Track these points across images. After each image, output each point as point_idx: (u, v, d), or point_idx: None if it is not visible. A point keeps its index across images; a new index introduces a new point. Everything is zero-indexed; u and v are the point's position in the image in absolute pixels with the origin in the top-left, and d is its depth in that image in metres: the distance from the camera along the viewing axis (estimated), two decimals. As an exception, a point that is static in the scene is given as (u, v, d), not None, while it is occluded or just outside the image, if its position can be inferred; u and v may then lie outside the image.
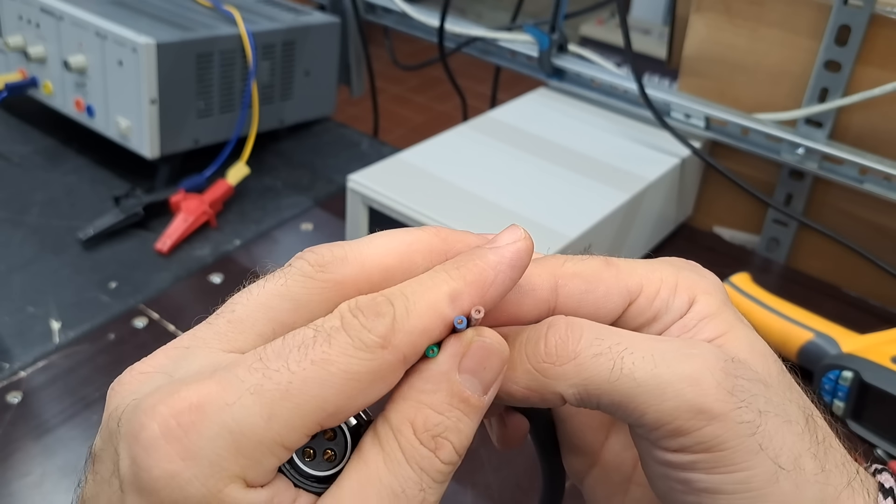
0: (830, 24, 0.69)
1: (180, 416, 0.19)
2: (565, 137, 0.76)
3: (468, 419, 0.22)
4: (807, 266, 0.81)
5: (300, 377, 0.20)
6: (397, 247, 0.24)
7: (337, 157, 0.93)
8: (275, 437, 0.19)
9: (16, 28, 0.86)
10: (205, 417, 0.19)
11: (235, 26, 0.82)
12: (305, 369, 0.20)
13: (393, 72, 1.20)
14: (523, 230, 0.26)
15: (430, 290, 0.22)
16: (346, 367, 0.20)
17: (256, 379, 0.20)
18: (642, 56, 2.19)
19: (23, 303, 0.68)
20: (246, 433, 0.19)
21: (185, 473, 0.19)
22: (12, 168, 0.86)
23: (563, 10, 0.81)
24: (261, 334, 0.22)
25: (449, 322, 0.22)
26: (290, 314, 0.22)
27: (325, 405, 0.20)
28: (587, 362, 0.24)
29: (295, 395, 0.19)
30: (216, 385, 0.19)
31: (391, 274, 0.23)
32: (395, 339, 0.21)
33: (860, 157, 0.69)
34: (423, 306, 0.22)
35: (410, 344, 0.21)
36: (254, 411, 0.19)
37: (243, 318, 0.22)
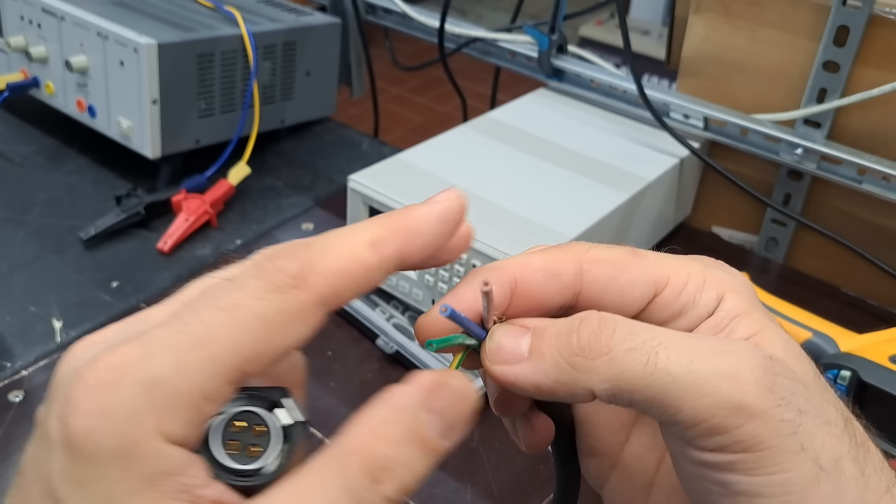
0: (829, 25, 0.70)
1: (99, 376, 0.20)
2: (565, 138, 0.76)
3: (423, 459, 0.21)
4: (805, 266, 0.81)
5: (211, 325, 0.20)
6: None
7: (338, 158, 0.93)
8: (191, 387, 0.20)
9: (17, 28, 0.86)
10: (121, 375, 0.19)
11: (236, 27, 0.82)
12: (216, 317, 0.20)
13: (393, 72, 1.20)
14: (459, 192, 0.26)
15: (351, 236, 0.23)
16: (258, 309, 0.20)
17: (169, 334, 0.20)
18: (641, 57, 2.19)
19: (24, 302, 0.68)
20: (161, 385, 0.19)
21: (100, 428, 0.19)
22: (14, 168, 0.87)
23: (562, 11, 0.81)
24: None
25: (370, 266, 0.22)
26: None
27: (239, 350, 0.20)
28: (621, 357, 0.23)
29: (206, 344, 0.20)
30: (134, 346, 0.20)
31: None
32: (309, 280, 0.21)
33: (858, 158, 0.70)
34: (341, 249, 0.22)
35: (326, 284, 0.21)
36: (166, 363, 0.20)
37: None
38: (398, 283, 0.65)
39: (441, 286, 0.62)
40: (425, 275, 0.63)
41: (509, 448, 0.58)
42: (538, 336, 0.25)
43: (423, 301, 0.64)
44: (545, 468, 0.57)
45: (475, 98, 1.12)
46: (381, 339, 0.64)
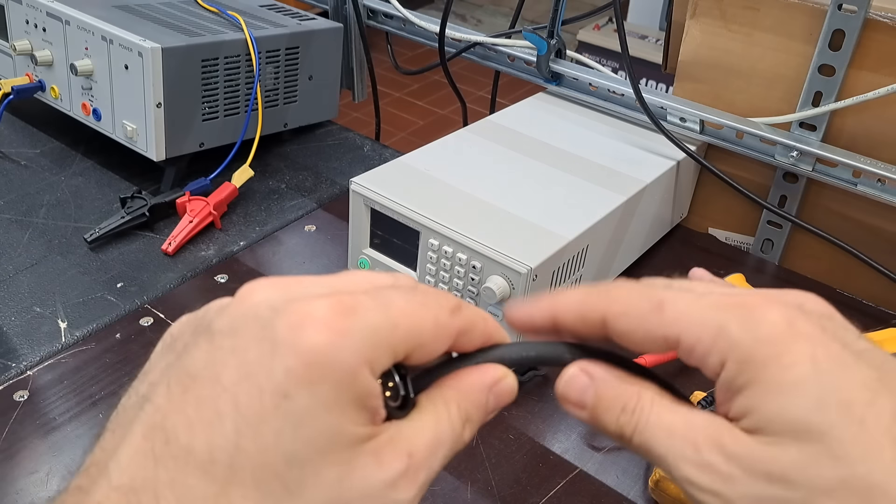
0: (824, 29, 0.70)
1: (344, 304, 0.25)
2: (563, 141, 0.77)
3: (479, 424, 0.29)
4: (801, 267, 0.82)
5: (408, 310, 0.27)
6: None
7: (340, 160, 0.94)
8: (392, 344, 0.26)
9: (23, 32, 0.87)
10: (359, 312, 0.25)
11: (240, 31, 0.83)
12: (413, 307, 0.27)
13: (394, 76, 1.21)
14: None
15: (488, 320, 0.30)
16: (437, 315, 0.27)
17: (384, 303, 0.26)
18: (639, 61, 2.20)
19: (30, 303, 0.69)
20: (379, 332, 0.25)
21: (340, 343, 0.24)
22: (20, 170, 0.88)
23: (560, 16, 0.82)
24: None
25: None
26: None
27: (419, 336, 0.27)
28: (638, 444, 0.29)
29: (405, 320, 0.26)
30: (366, 297, 0.26)
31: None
32: (463, 312, 0.28)
33: (854, 160, 0.70)
34: (480, 314, 0.30)
35: (467, 321, 0.29)
36: (385, 320, 0.26)
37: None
38: (399, 284, 0.66)
39: (441, 287, 0.63)
40: (426, 276, 0.63)
41: (509, 446, 0.59)
42: (597, 398, 0.29)
43: (423, 301, 0.65)
44: (545, 466, 0.57)
45: (475, 102, 1.13)
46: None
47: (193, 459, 0.23)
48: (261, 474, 0.23)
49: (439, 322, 0.27)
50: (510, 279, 0.58)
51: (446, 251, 0.61)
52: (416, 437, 0.27)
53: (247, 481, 0.23)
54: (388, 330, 0.26)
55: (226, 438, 0.23)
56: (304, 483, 0.24)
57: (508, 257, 0.58)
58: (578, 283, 0.66)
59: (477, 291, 0.60)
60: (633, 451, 0.28)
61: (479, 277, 0.60)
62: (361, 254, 0.68)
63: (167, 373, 0.26)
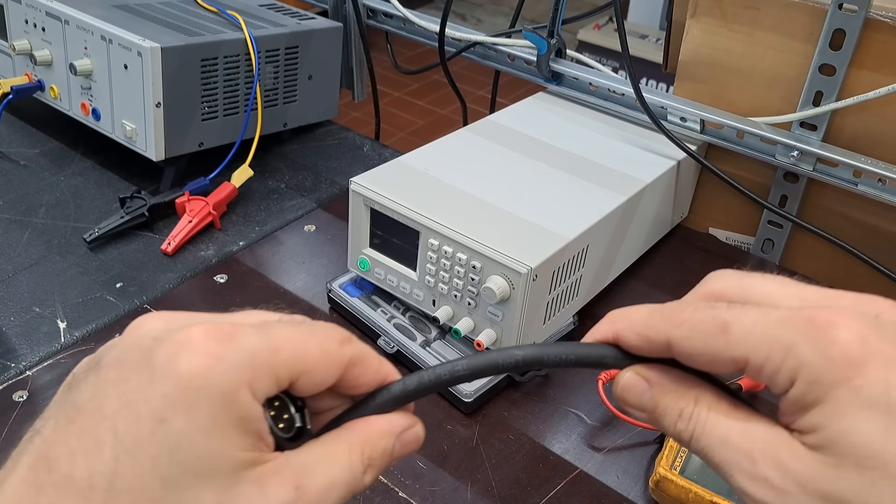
0: (825, 29, 0.70)
1: (221, 331, 0.26)
2: (563, 140, 0.77)
3: (383, 469, 0.30)
4: (801, 267, 0.82)
5: (293, 337, 0.27)
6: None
7: (339, 160, 0.94)
8: (274, 366, 0.26)
9: (22, 32, 0.87)
10: (237, 337, 0.26)
11: (239, 31, 0.83)
12: (297, 335, 0.28)
13: (394, 76, 1.21)
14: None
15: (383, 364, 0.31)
16: (324, 345, 0.28)
17: (268, 329, 0.27)
18: (639, 60, 2.20)
19: (29, 303, 0.69)
20: (259, 356, 0.26)
21: (216, 368, 0.25)
22: (19, 170, 0.88)
23: (561, 16, 0.82)
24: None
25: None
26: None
27: (305, 363, 0.27)
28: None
29: (289, 346, 0.27)
30: (248, 326, 0.27)
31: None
32: (353, 345, 0.29)
33: (854, 160, 0.70)
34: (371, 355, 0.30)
35: (357, 353, 0.29)
36: (266, 344, 0.26)
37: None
38: (399, 284, 0.66)
39: (441, 287, 0.63)
40: (426, 276, 0.63)
41: (509, 447, 0.59)
42: (655, 403, 0.29)
43: (423, 301, 0.65)
44: (545, 466, 0.57)
45: (475, 101, 1.13)
46: (383, 339, 0.65)
47: (73, 486, 0.24)
48: (138, 499, 0.24)
49: (325, 349, 0.28)
50: (510, 279, 0.58)
51: (446, 251, 0.61)
52: (309, 472, 0.27)
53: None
54: (267, 353, 0.26)
55: (105, 465, 0.24)
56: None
57: (508, 257, 0.58)
58: (579, 283, 0.66)
59: (477, 291, 0.60)
60: (695, 454, 0.28)
61: (479, 277, 0.60)
62: (361, 254, 0.68)
63: (58, 408, 0.27)
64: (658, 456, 0.55)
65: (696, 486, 0.52)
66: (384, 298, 0.69)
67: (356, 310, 0.68)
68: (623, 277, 0.75)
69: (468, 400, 0.60)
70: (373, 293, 0.69)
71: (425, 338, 0.65)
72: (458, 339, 0.64)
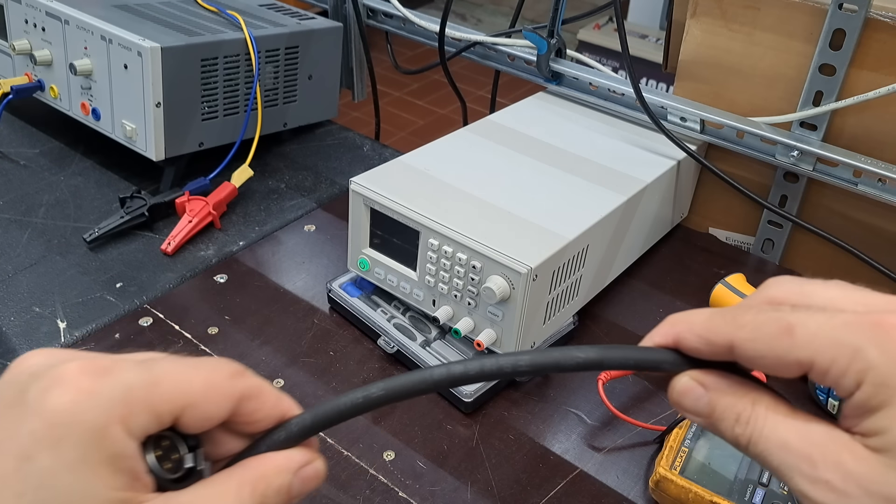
0: (825, 29, 0.70)
1: (96, 366, 0.25)
2: (563, 140, 0.77)
3: (279, 502, 0.29)
4: (801, 267, 0.82)
5: (175, 373, 0.27)
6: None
7: (339, 160, 0.94)
8: (153, 401, 0.26)
9: (22, 32, 0.87)
10: (111, 372, 0.25)
11: (239, 31, 0.83)
12: (181, 369, 0.27)
13: (394, 76, 1.21)
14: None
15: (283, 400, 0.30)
16: (210, 378, 0.28)
17: (150, 364, 0.27)
18: (639, 60, 2.20)
19: (29, 303, 0.69)
20: (135, 392, 0.25)
21: (85, 404, 0.24)
22: (19, 170, 0.88)
23: (560, 16, 0.82)
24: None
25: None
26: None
27: (189, 398, 0.27)
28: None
29: (170, 381, 0.26)
30: (124, 360, 0.26)
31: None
32: (246, 380, 0.28)
33: (854, 160, 0.70)
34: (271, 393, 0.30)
35: (249, 387, 0.29)
36: (144, 379, 0.26)
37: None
38: (399, 284, 0.66)
39: (441, 287, 0.63)
40: (426, 276, 0.63)
41: (509, 447, 0.59)
42: (711, 408, 0.29)
43: (423, 301, 0.65)
44: (545, 466, 0.57)
45: (475, 101, 1.13)
46: (383, 339, 0.65)
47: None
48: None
49: (211, 382, 0.27)
50: (510, 279, 0.58)
51: (446, 251, 0.61)
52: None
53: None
54: (145, 387, 0.26)
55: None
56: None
57: (508, 257, 0.58)
58: (578, 283, 0.66)
59: (477, 291, 0.60)
60: (752, 458, 0.28)
61: (479, 277, 0.60)
62: (361, 254, 0.68)
63: None
64: (658, 456, 0.55)
65: (696, 485, 0.52)
66: (384, 298, 0.69)
67: (356, 310, 0.68)
68: (623, 277, 0.75)
69: (468, 400, 0.60)
70: (373, 293, 0.69)
71: (425, 338, 0.65)
72: (459, 339, 0.64)
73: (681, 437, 0.55)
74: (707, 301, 0.71)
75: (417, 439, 0.59)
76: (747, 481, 0.53)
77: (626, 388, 0.64)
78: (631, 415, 0.61)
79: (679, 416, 0.56)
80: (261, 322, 0.68)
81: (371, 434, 0.59)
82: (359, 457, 0.57)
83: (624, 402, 0.63)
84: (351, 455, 0.57)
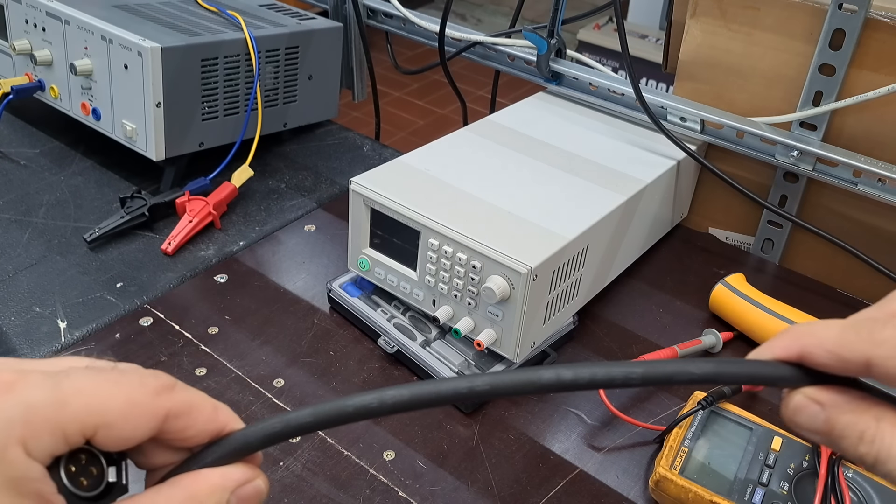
0: (825, 29, 0.70)
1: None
2: (563, 140, 0.77)
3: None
4: (801, 266, 0.82)
5: (88, 387, 0.25)
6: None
7: (340, 160, 0.94)
8: (57, 422, 0.24)
9: (22, 32, 0.87)
10: (12, 389, 0.24)
11: (240, 31, 0.83)
12: (95, 384, 0.25)
13: (394, 76, 1.21)
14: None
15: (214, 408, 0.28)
16: (130, 394, 0.26)
17: (59, 380, 0.25)
18: (639, 60, 2.20)
19: (29, 303, 0.69)
20: (38, 410, 0.24)
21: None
22: (19, 170, 0.88)
23: (560, 16, 0.82)
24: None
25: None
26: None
27: (103, 414, 0.25)
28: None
29: (81, 398, 0.25)
30: (29, 374, 0.25)
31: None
32: (175, 396, 0.27)
33: (854, 160, 0.70)
34: (204, 402, 0.28)
35: (179, 403, 0.27)
36: (49, 397, 0.24)
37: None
38: (399, 284, 0.66)
39: (441, 287, 0.63)
40: (426, 276, 0.63)
41: (509, 446, 0.59)
42: (830, 426, 0.28)
43: (423, 301, 0.65)
44: (545, 466, 0.57)
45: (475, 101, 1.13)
46: (383, 338, 0.65)
47: None
48: None
49: (133, 401, 0.25)
50: (510, 279, 0.58)
51: (446, 251, 0.61)
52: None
53: None
54: (50, 407, 0.24)
55: None
56: None
57: (508, 257, 0.58)
58: (578, 283, 0.66)
59: (477, 291, 0.60)
60: (882, 478, 0.27)
61: (479, 277, 0.60)
62: (361, 253, 0.68)
63: None
64: (658, 456, 0.55)
65: (696, 485, 0.52)
66: (384, 298, 0.69)
67: (356, 310, 0.68)
68: (623, 277, 0.75)
69: (468, 400, 0.60)
70: (373, 293, 0.70)
71: (425, 338, 0.65)
72: (459, 339, 0.64)
73: (681, 437, 0.56)
74: (707, 301, 0.71)
75: (417, 439, 0.59)
76: (747, 481, 0.53)
77: (625, 388, 0.64)
78: (631, 415, 0.61)
79: (679, 416, 0.56)
80: (261, 322, 0.68)
81: (371, 434, 0.59)
82: (359, 456, 0.57)
83: (624, 401, 0.63)
84: (351, 455, 0.57)
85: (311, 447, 0.57)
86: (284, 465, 0.56)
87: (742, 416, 0.57)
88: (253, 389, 0.62)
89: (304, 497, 0.54)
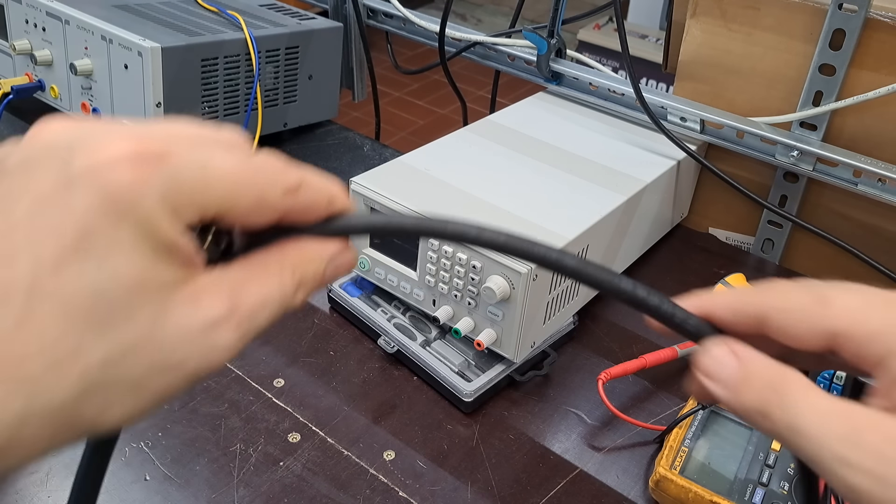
0: (825, 29, 0.70)
1: (147, 153, 0.24)
2: (564, 140, 0.77)
3: (314, 286, 0.29)
4: (801, 266, 0.82)
5: (237, 174, 0.26)
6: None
7: (340, 160, 0.94)
8: (204, 201, 0.25)
9: (22, 32, 0.87)
10: (166, 160, 0.24)
11: (240, 31, 0.83)
12: (237, 165, 0.26)
13: (394, 76, 1.21)
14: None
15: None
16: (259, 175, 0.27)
17: (210, 157, 0.25)
18: (639, 60, 2.20)
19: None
20: (188, 184, 0.24)
21: (143, 188, 0.23)
22: (19, 170, 0.87)
23: (561, 16, 0.82)
24: None
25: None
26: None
27: (235, 196, 0.26)
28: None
29: (227, 184, 0.26)
30: (181, 145, 0.25)
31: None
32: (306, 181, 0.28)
33: (854, 160, 0.70)
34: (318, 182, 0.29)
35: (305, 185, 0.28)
36: (200, 178, 0.25)
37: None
38: (399, 284, 0.66)
39: (441, 286, 0.63)
40: (426, 276, 0.63)
41: (509, 446, 0.59)
42: (744, 375, 0.27)
43: (423, 301, 0.65)
44: (545, 466, 0.57)
45: (475, 101, 1.13)
46: (383, 338, 0.65)
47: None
48: (63, 309, 0.22)
49: (263, 199, 0.27)
50: (510, 279, 0.58)
51: (446, 251, 0.61)
52: (242, 287, 0.26)
53: (47, 316, 0.22)
54: (198, 185, 0.25)
55: (21, 274, 0.22)
56: (113, 319, 0.23)
57: (509, 257, 0.58)
58: (579, 283, 0.66)
59: (477, 291, 0.60)
60: (769, 431, 0.27)
61: (479, 277, 0.60)
62: (361, 253, 0.68)
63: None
64: (658, 456, 0.55)
65: (696, 485, 0.52)
66: (384, 298, 0.69)
67: (356, 309, 0.68)
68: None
69: (468, 399, 0.60)
70: (373, 293, 0.70)
71: (425, 337, 0.65)
72: (459, 339, 0.65)
73: (681, 437, 0.56)
74: (707, 301, 0.71)
75: (417, 439, 0.59)
76: (747, 481, 0.53)
77: (626, 388, 0.64)
78: (631, 414, 0.61)
79: (679, 416, 0.56)
80: (261, 322, 0.68)
81: (371, 434, 0.59)
82: (359, 457, 0.57)
83: (624, 401, 0.63)
84: (351, 455, 0.57)
85: (312, 447, 0.57)
86: (284, 465, 0.56)
87: (742, 416, 0.57)
88: (253, 389, 0.62)
89: (304, 497, 0.54)
